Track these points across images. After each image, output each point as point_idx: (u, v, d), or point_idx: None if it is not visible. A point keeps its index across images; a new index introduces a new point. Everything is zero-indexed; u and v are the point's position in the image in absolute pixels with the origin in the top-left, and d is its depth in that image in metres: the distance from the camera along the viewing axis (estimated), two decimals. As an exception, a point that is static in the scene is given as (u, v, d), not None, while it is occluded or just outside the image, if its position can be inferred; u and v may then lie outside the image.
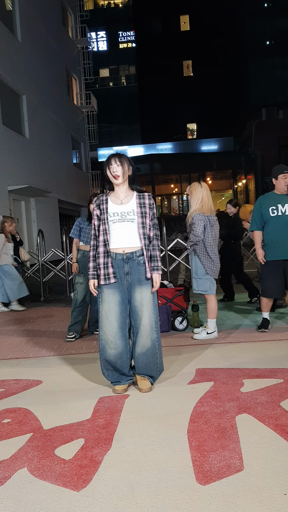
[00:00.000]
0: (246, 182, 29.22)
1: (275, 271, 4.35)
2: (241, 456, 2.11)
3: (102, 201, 3.09)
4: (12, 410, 2.87)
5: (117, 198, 3.07)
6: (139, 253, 3.01)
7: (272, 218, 4.35)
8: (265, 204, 4.43)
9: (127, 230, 3.01)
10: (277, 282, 4.37)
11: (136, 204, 3.04)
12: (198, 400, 2.83)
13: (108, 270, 2.99)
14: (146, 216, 3.04)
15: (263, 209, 4.42)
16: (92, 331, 4.90)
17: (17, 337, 5.00)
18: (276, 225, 4.32)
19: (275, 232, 4.33)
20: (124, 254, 3.00)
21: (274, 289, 4.40)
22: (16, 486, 1.99)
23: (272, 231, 4.36)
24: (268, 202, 4.41)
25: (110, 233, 3.03)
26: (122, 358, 3.05)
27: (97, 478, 2.01)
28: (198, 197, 4.32)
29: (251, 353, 3.77)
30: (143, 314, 3.02)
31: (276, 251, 4.33)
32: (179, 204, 31.10)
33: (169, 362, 3.61)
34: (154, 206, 3.11)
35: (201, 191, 4.32)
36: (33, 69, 16.50)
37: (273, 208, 4.35)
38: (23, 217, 15.34)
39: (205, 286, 4.33)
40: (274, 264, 4.36)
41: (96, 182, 25.77)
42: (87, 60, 24.91)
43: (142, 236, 3.01)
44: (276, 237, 4.32)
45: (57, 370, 3.68)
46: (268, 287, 4.42)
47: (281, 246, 4.29)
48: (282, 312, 5.36)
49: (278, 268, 4.34)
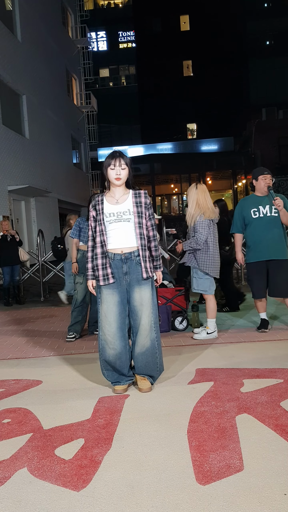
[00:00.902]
0: (246, 182, 29.21)
1: (260, 272, 4.41)
2: (241, 456, 2.11)
3: (97, 202, 3.08)
4: (12, 410, 2.87)
5: (113, 197, 3.06)
6: (137, 253, 3.01)
7: (254, 219, 4.41)
8: (246, 206, 4.49)
9: (124, 230, 3.00)
10: (263, 283, 4.43)
11: (133, 203, 3.03)
12: (198, 400, 2.83)
13: (107, 271, 2.99)
14: (143, 216, 3.03)
15: (245, 212, 4.48)
16: (92, 331, 4.91)
17: (17, 337, 5.00)
18: (258, 226, 4.38)
19: (258, 233, 4.39)
20: (122, 254, 3.00)
21: (262, 290, 4.46)
22: (16, 486, 1.99)
23: (254, 233, 4.42)
24: (249, 204, 4.48)
25: (107, 233, 3.03)
26: (121, 359, 3.05)
27: (97, 478, 2.01)
28: (193, 199, 4.31)
29: (251, 353, 3.77)
30: (142, 314, 3.02)
31: (259, 252, 4.38)
32: (179, 204, 31.10)
33: (169, 362, 3.61)
34: (150, 206, 3.11)
35: (195, 192, 4.30)
36: (33, 69, 16.50)
37: (255, 210, 4.42)
38: (23, 217, 15.33)
39: (204, 286, 4.33)
40: (258, 265, 4.41)
41: (96, 182, 25.75)
42: (87, 60, 24.91)
43: (139, 236, 3.01)
44: (259, 238, 4.38)
45: (57, 370, 3.68)
46: (256, 287, 4.46)
47: (264, 247, 4.34)
48: (274, 315, 5.35)
49: (263, 269, 4.40)
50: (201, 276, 4.31)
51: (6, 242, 7.41)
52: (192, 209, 4.30)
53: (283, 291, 4.39)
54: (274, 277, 4.35)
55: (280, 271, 4.33)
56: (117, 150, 3.11)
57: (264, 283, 4.42)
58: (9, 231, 7.56)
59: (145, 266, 3.00)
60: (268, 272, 4.38)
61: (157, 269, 3.18)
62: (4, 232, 7.44)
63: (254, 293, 4.50)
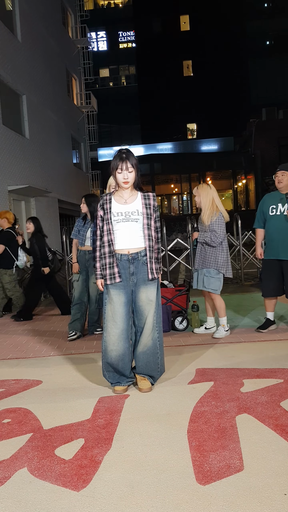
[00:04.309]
0: (246, 182, 29.23)
1: (271, 270, 4.36)
2: (241, 456, 2.11)
3: (105, 201, 3.07)
4: (12, 410, 2.87)
5: (121, 197, 3.05)
6: (144, 253, 3.01)
7: (271, 217, 4.36)
8: (267, 202, 4.43)
9: (131, 230, 2.99)
10: (273, 282, 4.37)
11: (142, 204, 3.02)
12: (198, 400, 2.83)
13: (114, 270, 2.99)
14: (152, 218, 3.03)
15: (265, 207, 4.43)
16: (92, 331, 4.91)
17: (17, 337, 5.00)
18: (273, 224, 4.33)
19: (272, 231, 4.34)
20: (129, 255, 3.00)
21: (270, 288, 4.41)
22: (16, 486, 1.99)
23: (269, 230, 4.38)
24: (270, 201, 4.41)
25: (114, 233, 3.02)
26: (124, 360, 3.05)
27: (97, 478, 2.01)
28: (209, 198, 4.32)
29: (251, 353, 3.77)
30: (148, 313, 3.02)
31: (272, 250, 4.35)
32: (179, 204, 31.11)
33: (169, 362, 3.61)
34: (157, 208, 3.12)
35: (211, 192, 4.33)
36: (33, 69, 16.50)
37: (273, 206, 4.35)
38: (23, 217, 15.32)
39: (216, 285, 4.34)
40: (271, 263, 4.37)
41: (96, 182, 25.76)
42: (87, 60, 24.90)
43: (147, 237, 3.00)
44: (272, 236, 4.34)
45: (57, 370, 3.68)
46: (265, 286, 4.43)
47: (276, 246, 4.30)
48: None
49: (275, 267, 4.35)
50: (214, 275, 4.32)
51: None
52: (209, 208, 4.30)
53: None
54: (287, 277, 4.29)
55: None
56: (124, 149, 3.05)
57: (275, 283, 4.35)
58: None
59: (151, 267, 3.00)
60: (283, 272, 4.31)
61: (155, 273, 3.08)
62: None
63: (262, 290, 4.48)
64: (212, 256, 4.31)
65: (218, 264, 4.29)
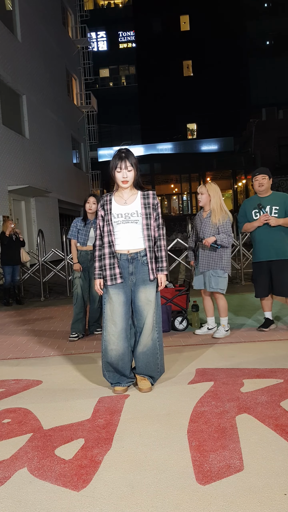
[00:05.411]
0: (246, 182, 29.22)
1: (262, 271, 4.46)
2: (241, 456, 2.11)
3: (106, 202, 3.06)
4: (12, 410, 2.87)
5: (121, 198, 3.05)
6: (143, 253, 3.01)
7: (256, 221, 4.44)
8: (249, 207, 4.56)
9: (131, 232, 2.99)
10: (264, 282, 4.45)
11: (141, 204, 3.01)
12: (198, 400, 2.82)
13: (115, 271, 2.99)
14: (151, 217, 3.01)
15: (248, 212, 4.54)
16: (93, 331, 4.91)
17: (17, 337, 5.00)
18: (259, 228, 4.42)
19: (259, 233, 4.44)
20: (128, 254, 3.00)
21: (262, 288, 4.49)
22: (16, 486, 1.99)
23: (255, 234, 4.48)
24: (252, 205, 4.52)
25: (114, 234, 3.02)
26: (124, 360, 3.05)
27: (97, 478, 2.01)
28: (219, 197, 4.36)
29: (251, 353, 3.77)
30: (147, 313, 3.02)
31: (261, 252, 4.43)
32: (179, 204, 31.11)
33: (169, 362, 3.61)
34: (158, 206, 3.08)
35: (218, 190, 4.38)
36: (33, 69, 16.50)
37: (256, 211, 4.47)
38: (23, 217, 15.34)
39: (224, 285, 4.38)
40: (260, 265, 4.47)
41: (96, 182, 25.78)
42: (87, 60, 24.92)
43: (147, 237, 3.00)
44: (259, 239, 4.43)
45: (57, 370, 3.68)
46: (257, 287, 4.53)
47: (264, 248, 4.39)
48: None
49: (265, 267, 4.44)
50: (221, 275, 4.35)
51: (11, 242, 7.45)
52: (220, 208, 4.33)
53: (284, 291, 4.39)
54: (276, 277, 4.38)
55: (282, 271, 4.35)
56: (123, 149, 3.04)
57: (267, 283, 4.44)
58: (15, 229, 7.64)
59: (151, 268, 3.00)
60: (271, 272, 4.42)
61: (159, 272, 3.04)
62: (11, 231, 7.49)
63: (256, 292, 4.55)
64: (217, 257, 4.34)
65: (224, 264, 4.33)
